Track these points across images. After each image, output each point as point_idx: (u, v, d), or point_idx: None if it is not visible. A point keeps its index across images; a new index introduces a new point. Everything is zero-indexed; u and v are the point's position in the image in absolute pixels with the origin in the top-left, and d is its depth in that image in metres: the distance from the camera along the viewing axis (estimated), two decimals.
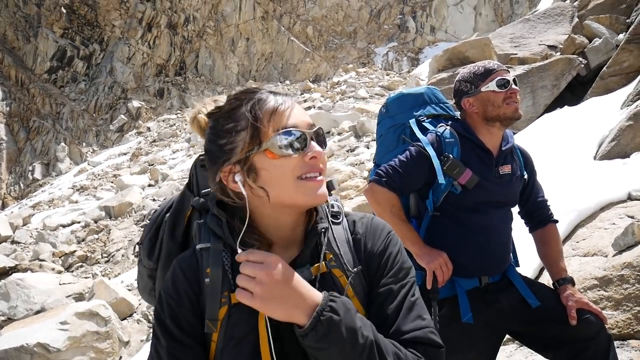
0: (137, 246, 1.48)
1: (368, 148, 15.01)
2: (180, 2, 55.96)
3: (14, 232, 20.01)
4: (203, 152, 1.06)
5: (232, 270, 0.96)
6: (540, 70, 7.54)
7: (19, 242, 19.06)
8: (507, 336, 2.16)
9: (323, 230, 1.01)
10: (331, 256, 1.00)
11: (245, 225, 0.95)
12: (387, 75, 39.27)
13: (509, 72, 2.00)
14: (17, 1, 56.02)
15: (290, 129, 0.94)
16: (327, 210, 1.06)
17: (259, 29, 54.18)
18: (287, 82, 46.53)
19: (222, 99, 1.06)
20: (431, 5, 52.25)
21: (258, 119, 0.94)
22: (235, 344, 0.93)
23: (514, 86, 1.94)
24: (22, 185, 44.84)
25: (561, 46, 8.66)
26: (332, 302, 0.87)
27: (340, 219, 1.08)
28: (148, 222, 1.46)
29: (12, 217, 23.84)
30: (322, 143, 1.00)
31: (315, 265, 0.99)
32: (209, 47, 55.55)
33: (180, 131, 35.72)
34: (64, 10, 55.06)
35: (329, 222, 1.04)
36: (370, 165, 12.13)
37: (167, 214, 1.33)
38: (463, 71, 2.06)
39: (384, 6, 53.94)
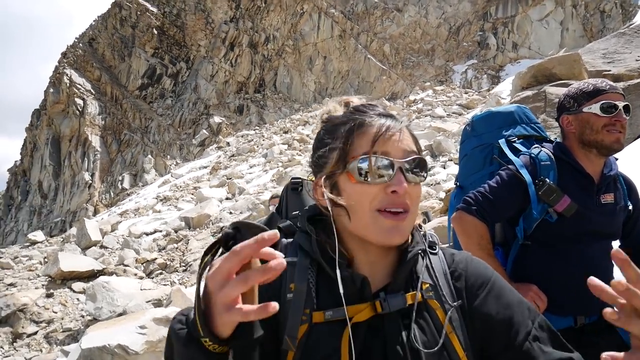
0: None
1: (444, 168, 14.64)
2: (262, 22, 58.23)
3: (103, 238, 21.41)
4: (294, 177, 1.07)
5: (316, 287, 0.91)
6: (638, 88, 6.98)
7: (106, 247, 20.36)
8: None
9: (420, 253, 0.95)
10: (427, 285, 0.93)
11: (337, 242, 0.91)
12: (466, 93, 38.29)
13: (623, 96, 1.78)
14: (114, 23, 60.82)
15: (375, 155, 0.89)
16: (424, 238, 0.99)
17: (336, 47, 55.03)
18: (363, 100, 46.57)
19: (354, 100, 1.02)
20: (513, 21, 50.56)
21: (349, 142, 0.91)
22: None
23: (623, 114, 1.74)
24: (112, 193, 48.13)
25: None
26: None
27: (437, 250, 1.00)
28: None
29: (102, 223, 25.55)
30: (419, 175, 0.92)
31: (411, 293, 0.91)
32: (287, 65, 57.16)
33: (257, 147, 36.81)
34: (155, 32, 59.07)
35: (425, 249, 0.97)
36: (447, 186, 11.77)
37: None
38: (572, 86, 1.89)
39: (464, 23, 52.92)
